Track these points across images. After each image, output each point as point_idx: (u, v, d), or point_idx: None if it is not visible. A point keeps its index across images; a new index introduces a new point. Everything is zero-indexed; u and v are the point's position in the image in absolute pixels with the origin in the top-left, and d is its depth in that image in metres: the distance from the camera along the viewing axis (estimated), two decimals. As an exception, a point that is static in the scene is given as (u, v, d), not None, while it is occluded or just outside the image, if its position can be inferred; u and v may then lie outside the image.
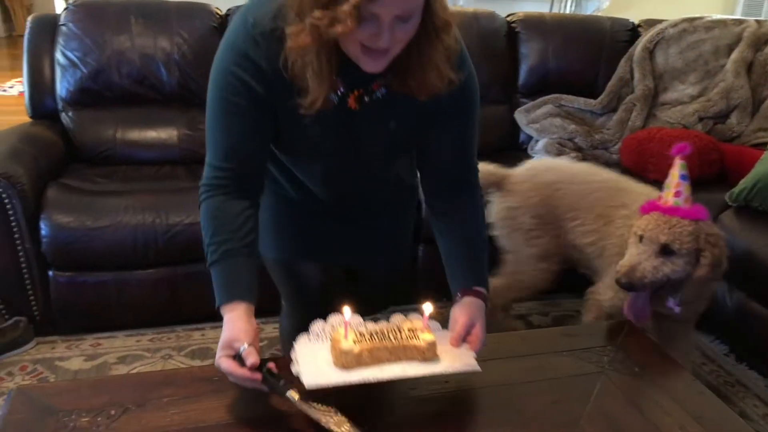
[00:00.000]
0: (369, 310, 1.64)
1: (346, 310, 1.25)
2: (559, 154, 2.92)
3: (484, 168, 1.83)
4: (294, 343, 1.28)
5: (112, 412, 1.20)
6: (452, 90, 1.26)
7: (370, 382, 1.18)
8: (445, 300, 1.45)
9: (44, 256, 2.28)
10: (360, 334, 1.24)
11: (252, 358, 1.15)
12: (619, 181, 2.11)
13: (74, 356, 2.28)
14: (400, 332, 1.25)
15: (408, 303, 2.11)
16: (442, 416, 1.25)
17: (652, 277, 1.62)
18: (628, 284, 1.63)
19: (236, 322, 1.22)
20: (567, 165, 2.27)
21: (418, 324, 1.29)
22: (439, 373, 1.22)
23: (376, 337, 1.23)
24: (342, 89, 1.25)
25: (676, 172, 1.64)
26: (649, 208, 1.67)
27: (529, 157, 3.00)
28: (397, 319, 1.35)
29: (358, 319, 1.33)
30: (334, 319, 1.31)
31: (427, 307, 1.29)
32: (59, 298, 2.34)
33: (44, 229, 2.25)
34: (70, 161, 2.71)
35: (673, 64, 3.07)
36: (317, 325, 1.33)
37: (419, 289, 1.97)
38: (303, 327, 1.35)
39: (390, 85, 1.26)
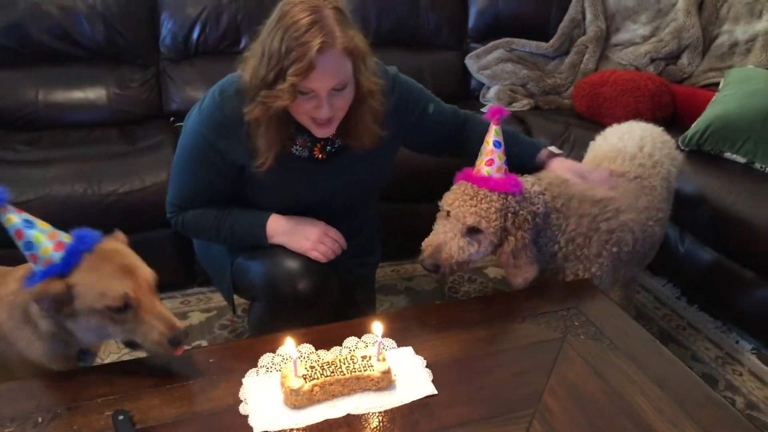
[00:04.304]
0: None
1: (290, 342, 1.18)
2: (511, 101, 2.84)
3: None
4: (242, 380, 1.21)
5: (40, 419, 1.10)
6: (395, 107, 1.56)
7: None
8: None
9: (-36, 235, 2.11)
10: (311, 368, 1.17)
11: (342, 240, 1.60)
12: None
13: (9, 339, 2.14)
14: (353, 362, 1.19)
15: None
16: (399, 398, 1.19)
17: (459, 258, 1.50)
18: (434, 266, 1.50)
19: (293, 217, 1.58)
20: None
21: (372, 348, 1.23)
22: (394, 406, 1.16)
23: (327, 369, 1.17)
24: (309, 143, 1.52)
25: (490, 139, 1.50)
26: (462, 176, 1.55)
27: (481, 105, 2.92)
28: (350, 343, 1.30)
29: (309, 348, 1.28)
30: (283, 349, 1.23)
31: (378, 328, 1.23)
32: (-13, 278, 2.18)
33: (-38, 206, 2.07)
34: (-13, 128, 2.49)
35: (625, 4, 2.98)
36: (266, 358, 1.26)
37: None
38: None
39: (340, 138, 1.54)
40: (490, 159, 1.51)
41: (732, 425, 1.16)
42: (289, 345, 1.17)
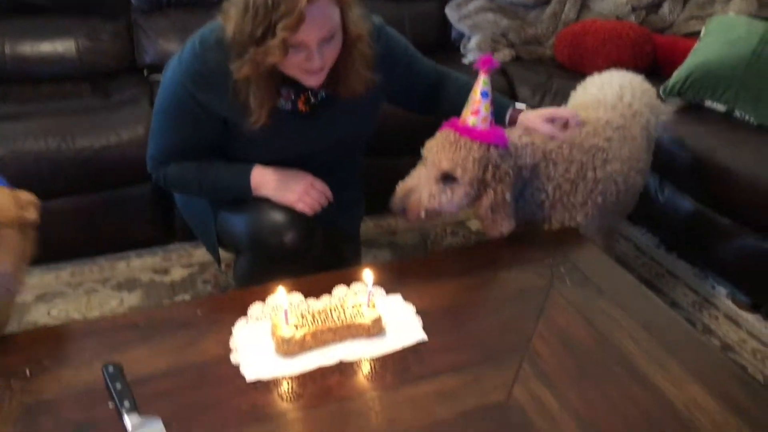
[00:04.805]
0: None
1: (282, 290, 1.17)
2: (493, 51, 2.80)
3: None
4: (232, 330, 1.21)
5: (27, 371, 1.08)
6: (382, 58, 1.51)
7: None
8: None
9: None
10: (302, 316, 1.16)
11: (328, 192, 1.56)
12: None
13: (-13, 299, 2.10)
14: (344, 310, 1.19)
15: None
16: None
17: (428, 204, 1.48)
18: (402, 209, 1.49)
19: (278, 168, 1.53)
20: None
21: (362, 296, 1.23)
22: (386, 353, 1.17)
23: (318, 318, 1.17)
24: (293, 96, 1.48)
25: (478, 89, 1.46)
26: (447, 125, 1.52)
27: (461, 55, 2.88)
28: (340, 292, 1.30)
29: (299, 297, 1.27)
30: (273, 299, 1.22)
31: (368, 275, 1.22)
32: (-39, 237, 2.12)
33: (-69, 164, 1.99)
34: (-47, 83, 2.39)
35: (606, -49, 2.93)
36: (255, 308, 1.25)
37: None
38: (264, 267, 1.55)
39: (327, 89, 1.49)
40: (476, 109, 1.48)
41: (715, 364, 1.19)
42: (279, 294, 1.16)
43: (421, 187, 1.48)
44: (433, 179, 1.48)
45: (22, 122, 2.12)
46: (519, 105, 1.71)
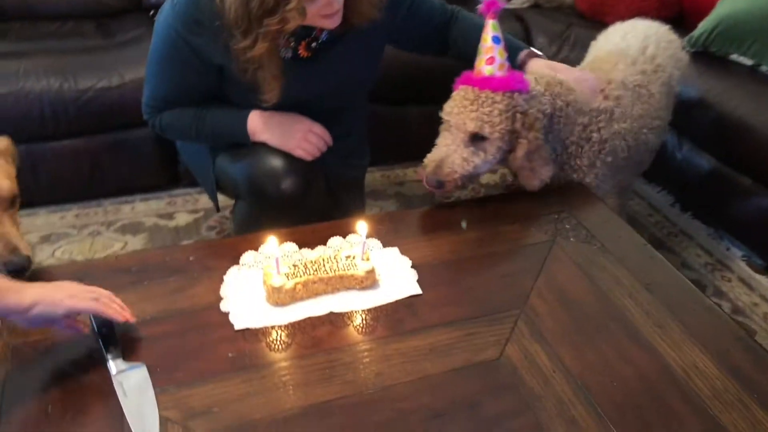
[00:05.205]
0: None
1: (273, 240, 1.14)
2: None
3: None
4: (224, 277, 1.18)
5: (15, 314, 1.07)
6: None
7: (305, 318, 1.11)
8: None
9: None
10: (294, 266, 1.14)
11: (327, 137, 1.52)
12: None
13: (-9, 238, 2.10)
14: (337, 261, 1.16)
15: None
16: (383, 298, 1.17)
17: (463, 171, 1.40)
18: (437, 182, 1.40)
19: (276, 113, 1.48)
20: None
21: (357, 247, 1.20)
22: (379, 305, 1.14)
23: (311, 268, 1.14)
24: (292, 42, 1.42)
25: (488, 35, 1.38)
26: (462, 81, 1.43)
27: (476, 2, 2.77)
28: (335, 243, 1.27)
29: (293, 247, 1.24)
30: (266, 248, 1.20)
31: (362, 228, 1.18)
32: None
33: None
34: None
35: None
36: (248, 256, 1.22)
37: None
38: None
39: (330, 31, 1.41)
40: (490, 57, 1.40)
41: (719, 328, 1.15)
42: (271, 243, 1.13)
43: (451, 154, 1.40)
44: (462, 143, 1.40)
45: (23, 61, 2.08)
46: (535, 51, 1.63)
